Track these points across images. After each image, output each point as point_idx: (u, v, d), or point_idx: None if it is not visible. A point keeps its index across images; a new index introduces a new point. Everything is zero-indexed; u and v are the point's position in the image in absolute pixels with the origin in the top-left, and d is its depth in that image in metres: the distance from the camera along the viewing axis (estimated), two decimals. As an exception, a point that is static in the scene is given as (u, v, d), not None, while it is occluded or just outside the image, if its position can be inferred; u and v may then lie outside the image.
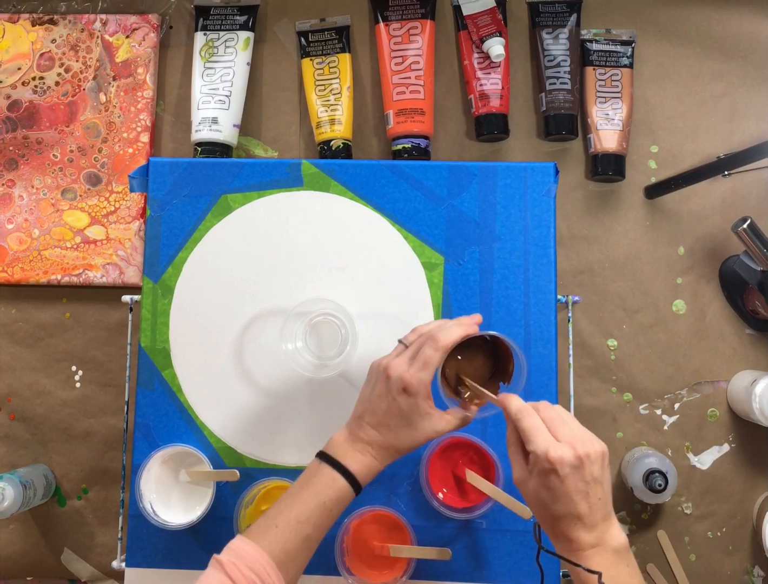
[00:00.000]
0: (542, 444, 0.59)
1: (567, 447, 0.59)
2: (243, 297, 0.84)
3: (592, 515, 0.59)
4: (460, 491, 0.80)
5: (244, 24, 0.99)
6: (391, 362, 0.66)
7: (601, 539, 0.59)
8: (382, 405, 0.66)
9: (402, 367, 0.65)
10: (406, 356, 0.66)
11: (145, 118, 0.99)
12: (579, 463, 0.58)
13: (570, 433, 0.60)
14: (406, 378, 0.64)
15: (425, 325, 0.69)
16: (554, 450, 0.58)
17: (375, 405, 0.66)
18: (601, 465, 0.60)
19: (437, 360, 0.65)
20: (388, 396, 0.65)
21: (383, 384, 0.66)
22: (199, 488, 0.81)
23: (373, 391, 0.67)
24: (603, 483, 0.60)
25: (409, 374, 0.64)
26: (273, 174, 0.85)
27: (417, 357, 0.65)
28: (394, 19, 0.98)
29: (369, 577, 0.77)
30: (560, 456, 0.58)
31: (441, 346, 0.64)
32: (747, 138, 0.98)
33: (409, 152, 0.96)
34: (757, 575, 0.93)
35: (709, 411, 0.95)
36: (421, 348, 0.66)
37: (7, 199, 0.99)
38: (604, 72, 0.98)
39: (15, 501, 0.86)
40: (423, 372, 0.64)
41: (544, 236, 0.83)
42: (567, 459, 0.58)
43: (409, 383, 0.64)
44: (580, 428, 0.61)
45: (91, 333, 0.98)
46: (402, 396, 0.65)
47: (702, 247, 0.97)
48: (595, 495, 0.59)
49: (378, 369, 0.67)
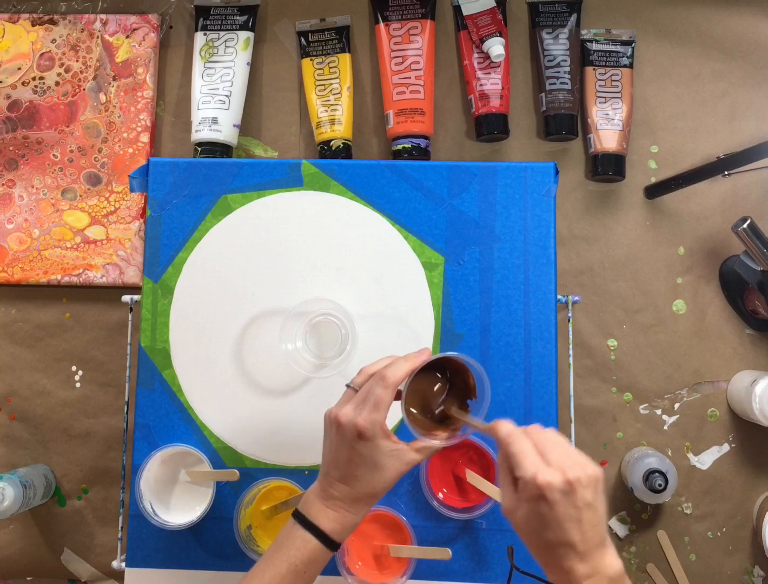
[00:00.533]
0: (530, 469, 0.56)
1: (556, 472, 0.56)
2: (243, 297, 0.84)
3: (585, 542, 0.56)
4: (460, 491, 0.80)
5: (244, 24, 0.99)
6: (340, 410, 0.64)
7: (596, 568, 0.56)
8: (342, 456, 0.64)
9: (352, 413, 0.63)
10: (355, 401, 0.64)
11: (145, 118, 0.99)
12: (569, 488, 0.55)
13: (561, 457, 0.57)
14: (359, 423, 0.62)
15: (372, 365, 0.66)
16: (542, 474, 0.55)
17: (336, 459, 0.64)
18: (594, 489, 0.57)
19: (388, 399, 0.63)
20: (345, 446, 0.63)
21: (337, 434, 0.64)
22: (199, 488, 0.81)
23: (331, 444, 0.65)
24: (596, 508, 0.57)
25: (361, 418, 0.62)
26: (273, 174, 0.85)
27: (367, 398, 0.63)
28: (394, 19, 0.98)
29: (369, 577, 0.77)
30: (549, 481, 0.55)
31: (390, 383, 0.63)
32: (747, 138, 0.98)
33: (409, 152, 0.96)
34: (757, 575, 0.93)
35: (709, 411, 0.95)
36: (370, 390, 0.63)
37: (7, 199, 0.99)
38: (604, 72, 0.98)
39: (15, 501, 0.86)
40: (375, 413, 0.62)
41: (544, 236, 0.83)
42: (556, 483, 0.55)
43: (364, 428, 0.62)
44: (573, 451, 0.58)
45: (91, 333, 0.98)
46: (359, 443, 0.62)
47: (702, 247, 0.97)
48: (588, 522, 0.56)
49: (329, 419, 0.65)
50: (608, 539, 0.58)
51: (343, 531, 0.64)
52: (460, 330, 0.82)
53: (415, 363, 0.64)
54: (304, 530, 0.64)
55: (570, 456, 0.58)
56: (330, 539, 0.63)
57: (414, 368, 0.64)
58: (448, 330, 0.82)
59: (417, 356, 0.65)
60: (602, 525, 0.57)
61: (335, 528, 0.64)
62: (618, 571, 0.57)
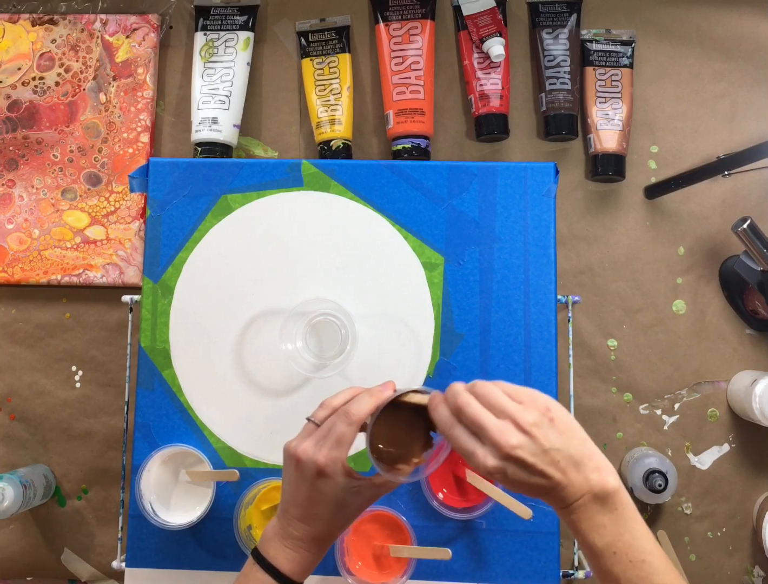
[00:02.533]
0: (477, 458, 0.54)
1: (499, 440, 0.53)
2: (243, 297, 0.84)
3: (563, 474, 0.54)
4: (460, 491, 0.80)
5: (244, 24, 0.99)
6: (300, 446, 0.62)
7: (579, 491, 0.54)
8: (301, 494, 0.61)
9: (312, 449, 0.61)
10: (316, 436, 0.62)
11: (145, 118, 0.99)
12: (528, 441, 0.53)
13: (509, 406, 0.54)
14: (319, 461, 0.60)
15: (334, 398, 0.65)
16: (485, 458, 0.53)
17: (295, 496, 0.62)
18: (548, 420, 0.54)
19: (351, 436, 0.61)
20: (305, 483, 0.61)
21: (296, 471, 0.61)
22: (199, 488, 0.81)
23: (290, 480, 0.62)
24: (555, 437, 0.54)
25: (322, 455, 0.60)
26: (273, 174, 0.85)
27: (329, 435, 0.61)
28: (394, 19, 0.98)
29: (369, 577, 0.77)
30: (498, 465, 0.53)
31: (354, 420, 0.60)
32: (747, 138, 0.98)
33: (409, 152, 0.96)
34: (757, 575, 0.93)
35: (709, 411, 0.95)
36: (333, 426, 0.61)
37: (7, 199, 0.99)
38: (604, 72, 0.98)
39: (15, 501, 0.86)
40: (336, 450, 0.60)
41: (544, 236, 0.83)
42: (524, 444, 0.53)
43: (324, 465, 0.60)
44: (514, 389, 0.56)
45: (91, 333, 0.98)
46: (320, 481, 0.60)
47: (702, 247, 0.97)
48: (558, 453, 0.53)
49: (288, 453, 0.62)
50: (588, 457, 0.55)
51: (303, 571, 0.62)
52: (460, 330, 0.82)
53: (381, 398, 0.62)
54: (263, 572, 0.61)
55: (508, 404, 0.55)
56: (290, 581, 0.61)
57: (380, 404, 0.62)
58: (448, 331, 0.82)
59: (382, 391, 0.63)
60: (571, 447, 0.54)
61: (294, 569, 0.61)
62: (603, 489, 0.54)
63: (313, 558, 0.63)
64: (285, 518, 0.63)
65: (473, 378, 0.80)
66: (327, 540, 0.63)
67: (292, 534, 0.62)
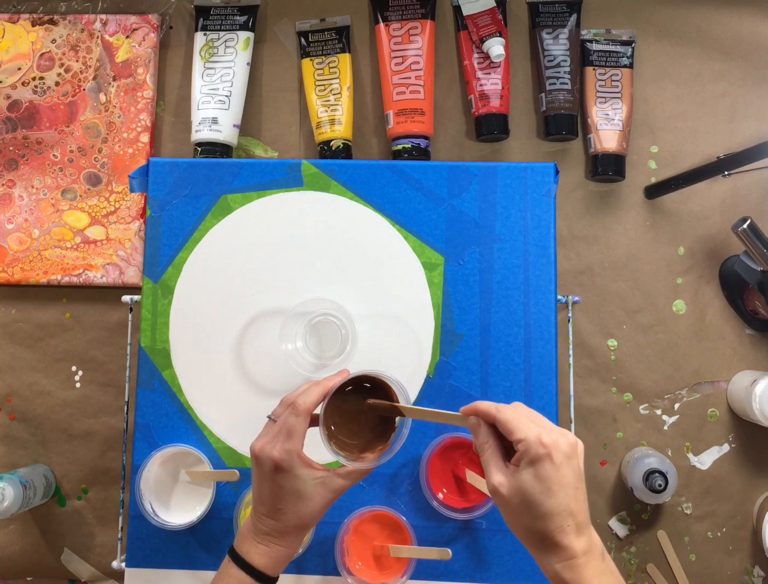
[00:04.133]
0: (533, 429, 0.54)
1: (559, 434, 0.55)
2: (243, 297, 0.84)
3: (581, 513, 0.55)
4: (460, 491, 0.80)
5: (244, 24, 0.99)
6: (257, 443, 0.63)
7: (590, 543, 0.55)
8: (264, 490, 0.63)
9: (267, 445, 0.62)
10: (272, 432, 0.63)
11: (145, 118, 0.99)
12: (572, 452, 0.54)
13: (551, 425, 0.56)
14: (274, 456, 0.61)
15: (292, 394, 0.66)
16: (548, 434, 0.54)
17: (260, 494, 0.63)
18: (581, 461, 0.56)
19: (301, 427, 0.62)
20: (266, 479, 0.62)
21: (257, 468, 0.63)
22: (199, 488, 0.81)
23: (254, 478, 0.64)
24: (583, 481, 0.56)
25: (276, 450, 0.61)
26: (273, 174, 0.85)
27: (280, 429, 0.63)
28: (394, 19, 0.98)
29: (369, 577, 0.77)
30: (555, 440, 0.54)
31: (301, 410, 0.62)
32: (747, 138, 0.98)
33: (409, 152, 0.96)
34: (757, 575, 0.93)
35: (709, 411, 0.95)
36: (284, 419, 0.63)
37: (7, 199, 0.99)
38: (604, 72, 0.98)
39: (15, 501, 0.86)
40: (289, 442, 0.61)
41: (544, 236, 0.83)
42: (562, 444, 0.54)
43: (279, 459, 0.61)
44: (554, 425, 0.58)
45: (91, 333, 0.98)
46: (278, 476, 0.61)
47: (702, 247, 0.97)
48: (582, 493, 0.55)
49: (250, 452, 0.64)
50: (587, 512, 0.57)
51: (276, 565, 0.63)
52: (460, 331, 0.82)
53: (327, 386, 0.63)
54: (237, 568, 0.62)
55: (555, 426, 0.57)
56: (263, 575, 0.62)
57: (327, 391, 0.63)
58: (448, 331, 0.82)
59: (330, 379, 0.65)
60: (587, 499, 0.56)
61: (268, 564, 0.62)
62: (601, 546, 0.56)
63: (285, 552, 0.63)
64: (255, 515, 0.64)
65: (473, 378, 0.81)
66: (295, 533, 0.64)
67: (261, 529, 0.63)
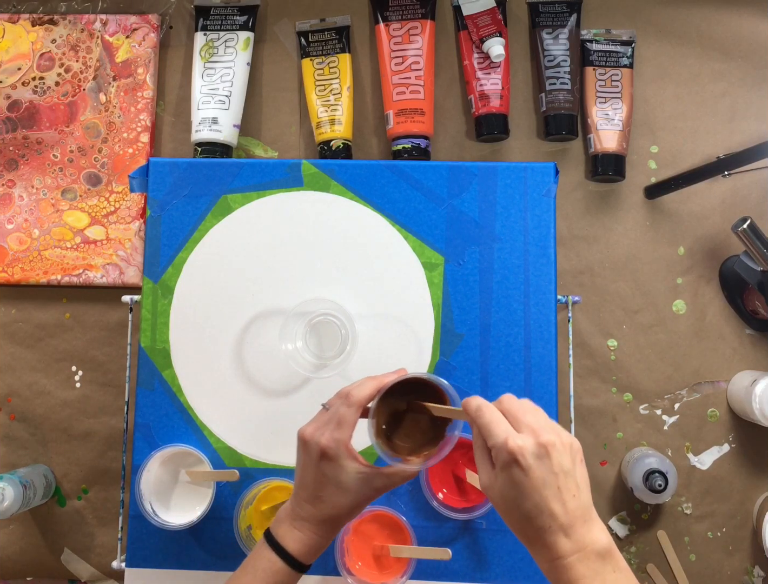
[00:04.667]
0: (501, 435, 0.54)
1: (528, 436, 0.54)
2: (243, 297, 0.84)
3: (566, 514, 0.53)
4: (460, 491, 0.80)
5: (244, 24, 0.99)
6: (307, 429, 0.64)
7: (581, 543, 0.53)
8: (308, 476, 0.63)
9: (317, 432, 0.63)
10: (323, 420, 0.64)
11: (145, 118, 0.99)
12: (543, 452, 0.53)
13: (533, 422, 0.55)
14: (322, 442, 0.62)
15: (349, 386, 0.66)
16: (513, 438, 0.53)
17: (303, 478, 0.64)
18: (571, 456, 0.55)
19: (352, 418, 0.62)
20: (311, 465, 0.63)
21: (303, 453, 0.64)
22: (199, 488, 0.81)
23: (299, 463, 0.65)
24: (575, 477, 0.54)
25: (324, 437, 0.62)
26: (273, 174, 0.85)
27: (331, 417, 0.63)
28: (394, 19, 0.98)
29: (369, 577, 0.77)
30: (520, 445, 0.53)
31: (354, 401, 0.62)
32: (747, 138, 0.98)
33: (409, 152, 0.96)
34: (757, 575, 0.93)
35: (709, 411, 0.95)
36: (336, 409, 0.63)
37: (7, 199, 0.99)
38: (604, 72, 0.98)
39: (15, 501, 0.86)
40: (338, 431, 0.62)
41: (544, 236, 0.83)
42: (528, 447, 0.53)
43: (327, 446, 0.62)
44: (547, 419, 0.56)
45: (91, 333, 0.98)
46: (323, 463, 0.62)
47: (702, 247, 0.97)
48: (568, 491, 0.53)
49: (298, 436, 0.65)
50: (594, 513, 0.55)
51: (309, 553, 0.63)
52: (460, 331, 0.82)
53: (382, 382, 0.64)
54: (270, 551, 0.63)
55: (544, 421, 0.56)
56: (296, 561, 0.63)
57: (381, 387, 0.63)
58: (448, 331, 0.82)
59: (386, 375, 0.65)
60: (584, 497, 0.55)
61: (301, 550, 0.63)
62: (606, 546, 0.54)
63: (319, 541, 0.63)
64: (295, 500, 0.64)
65: (473, 378, 0.81)
66: (334, 524, 0.64)
67: (300, 514, 0.64)
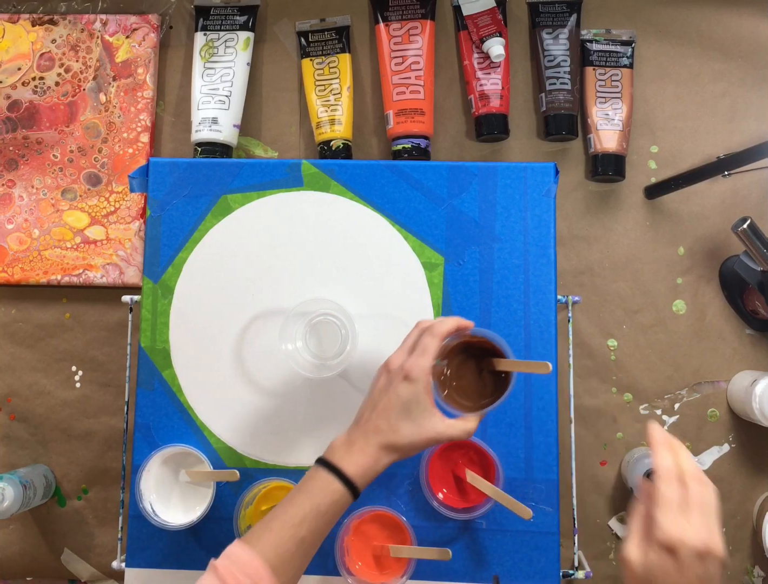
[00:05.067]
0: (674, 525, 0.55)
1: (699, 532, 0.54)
2: (243, 297, 0.84)
3: None
4: (460, 491, 0.80)
5: (244, 24, 0.99)
6: (391, 357, 0.68)
7: None
8: (382, 399, 0.66)
9: (402, 358, 0.67)
10: (405, 349, 0.68)
11: (145, 118, 0.99)
12: (704, 553, 0.54)
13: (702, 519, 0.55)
14: (406, 365, 0.66)
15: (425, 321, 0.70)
16: (684, 530, 0.54)
17: (376, 401, 0.67)
18: (718, 569, 0.55)
19: (434, 347, 0.66)
20: (389, 388, 0.66)
21: (384, 378, 0.67)
22: (199, 488, 0.81)
23: (375, 388, 0.68)
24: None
25: (409, 362, 0.66)
26: (273, 174, 0.85)
27: (416, 346, 0.67)
28: (394, 19, 0.98)
29: (369, 577, 0.77)
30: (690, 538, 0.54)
31: (437, 333, 0.66)
32: (747, 138, 0.98)
33: (409, 152, 0.96)
34: (757, 575, 0.93)
35: (709, 411, 0.95)
36: (419, 339, 0.67)
37: (7, 199, 0.99)
38: (604, 72, 0.98)
39: (15, 501, 0.86)
40: (422, 358, 0.66)
41: (544, 236, 0.83)
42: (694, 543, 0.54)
43: (410, 369, 0.65)
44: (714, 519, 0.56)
45: (91, 333, 0.98)
46: (403, 384, 0.65)
47: (702, 247, 0.97)
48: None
49: (381, 367, 0.69)
50: None
51: (364, 476, 0.65)
52: (460, 331, 0.82)
53: (461, 321, 0.68)
54: (326, 472, 0.65)
55: (711, 523, 0.56)
56: (350, 481, 0.64)
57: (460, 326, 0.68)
58: (448, 331, 0.82)
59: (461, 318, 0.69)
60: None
61: (357, 472, 0.65)
62: None
63: (374, 466, 0.65)
64: (354, 426, 0.67)
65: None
66: (389, 450, 0.65)
67: (359, 438, 0.66)
